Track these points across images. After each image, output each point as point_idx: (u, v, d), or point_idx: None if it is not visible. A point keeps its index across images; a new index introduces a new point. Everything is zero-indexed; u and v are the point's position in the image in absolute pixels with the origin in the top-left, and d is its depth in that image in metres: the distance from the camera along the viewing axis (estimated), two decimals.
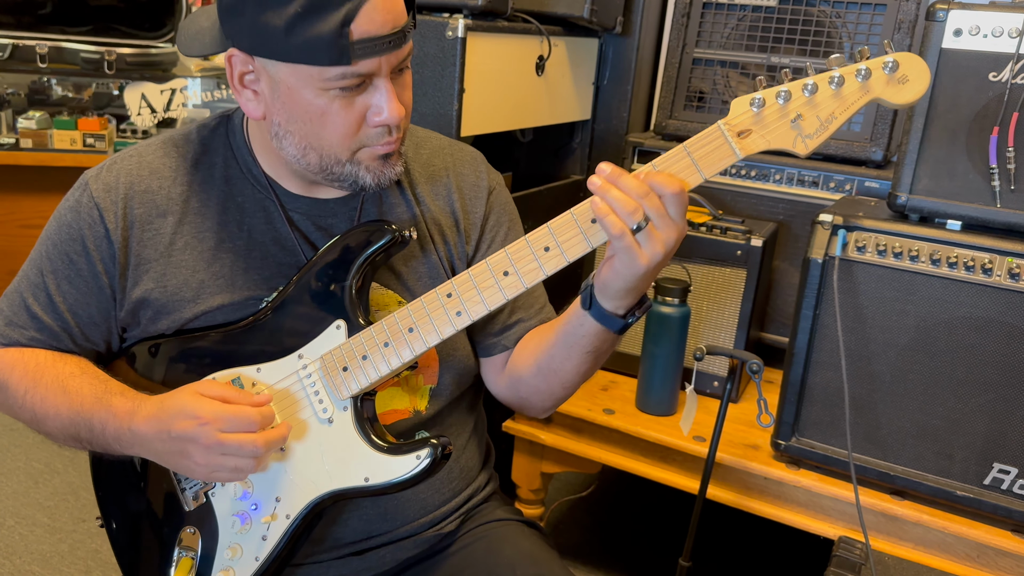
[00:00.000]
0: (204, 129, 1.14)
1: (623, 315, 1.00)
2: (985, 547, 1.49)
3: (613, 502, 2.53)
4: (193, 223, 1.09)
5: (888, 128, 1.94)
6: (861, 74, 0.87)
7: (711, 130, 0.91)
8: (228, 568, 1.04)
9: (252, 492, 1.04)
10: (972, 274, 1.45)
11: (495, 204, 1.21)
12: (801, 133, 0.89)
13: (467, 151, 1.24)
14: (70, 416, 1.05)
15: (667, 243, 0.92)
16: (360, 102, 0.97)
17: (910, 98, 0.88)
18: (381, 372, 0.99)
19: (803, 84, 0.89)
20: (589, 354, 1.06)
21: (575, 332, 1.04)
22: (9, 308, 1.11)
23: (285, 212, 1.10)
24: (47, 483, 2.44)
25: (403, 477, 0.98)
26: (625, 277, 0.94)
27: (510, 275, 0.95)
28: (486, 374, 1.22)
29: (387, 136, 1.00)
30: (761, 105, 0.89)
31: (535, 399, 1.17)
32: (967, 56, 1.44)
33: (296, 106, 0.97)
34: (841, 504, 1.60)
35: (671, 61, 2.17)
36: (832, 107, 0.89)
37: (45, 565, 2.09)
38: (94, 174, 1.10)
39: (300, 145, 1.00)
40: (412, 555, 1.16)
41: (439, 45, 1.72)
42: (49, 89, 3.31)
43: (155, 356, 1.10)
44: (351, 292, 1.02)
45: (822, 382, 1.59)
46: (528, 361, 1.14)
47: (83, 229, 1.07)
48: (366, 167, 1.02)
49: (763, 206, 2.05)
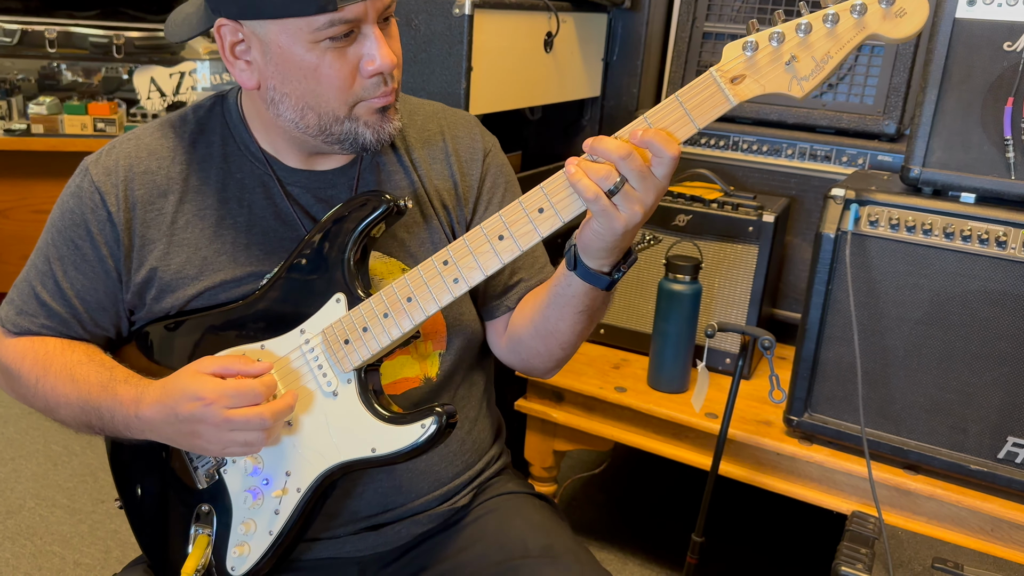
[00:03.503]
0: (200, 109, 1.14)
1: (608, 272, 1.00)
2: (999, 521, 1.48)
3: (626, 479, 2.54)
4: (194, 201, 1.09)
5: (901, 101, 1.91)
6: (856, 9, 0.84)
7: (703, 78, 0.89)
8: (243, 543, 1.05)
9: (262, 467, 1.05)
10: (986, 247, 1.43)
11: (491, 166, 1.21)
12: (796, 75, 0.87)
13: (460, 115, 1.24)
14: (80, 405, 1.06)
15: (645, 203, 0.91)
16: (352, 53, 0.98)
17: (908, 31, 0.84)
18: (382, 343, 0.99)
19: (796, 24, 0.86)
20: (581, 313, 1.06)
21: (564, 293, 1.05)
22: (19, 297, 1.12)
23: (283, 187, 1.10)
24: (66, 465, 2.47)
25: (409, 446, 0.98)
26: (604, 238, 0.94)
27: (505, 239, 0.94)
28: (491, 337, 1.23)
29: (382, 87, 1.01)
30: (754, 49, 0.87)
31: (536, 361, 1.18)
32: (981, 26, 1.42)
33: (289, 65, 0.98)
34: (854, 479, 1.60)
35: (681, 35, 2.15)
36: (827, 46, 0.86)
37: (65, 545, 2.12)
38: (93, 159, 1.10)
39: (297, 107, 1.01)
40: (426, 530, 1.17)
41: (446, 23, 1.71)
42: (59, 74, 3.31)
43: (161, 339, 1.11)
44: (349, 264, 1.02)
45: (835, 357, 1.59)
46: (526, 323, 1.15)
47: (86, 214, 1.08)
48: (364, 122, 1.02)
49: (775, 181, 2.04)
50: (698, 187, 2.03)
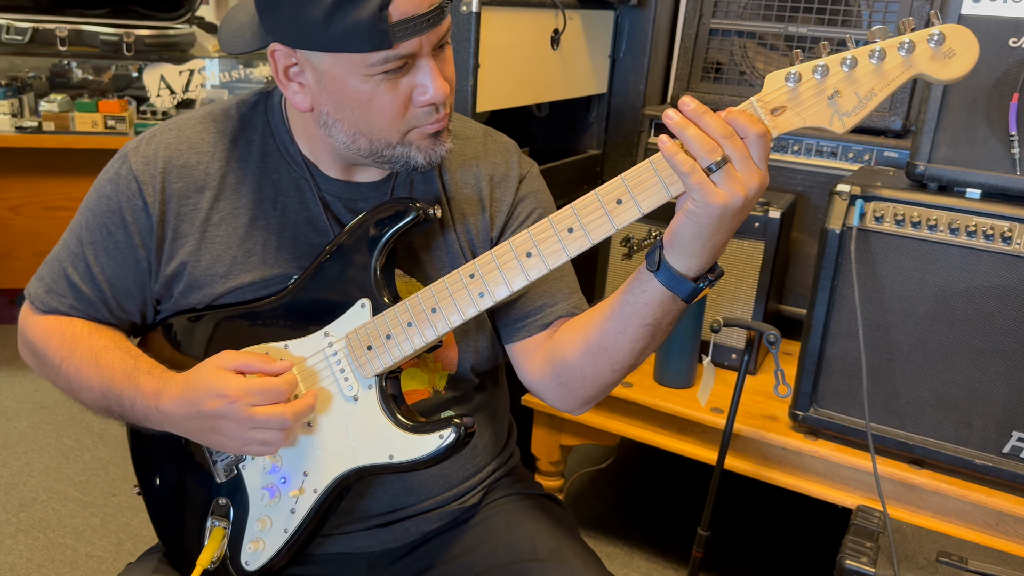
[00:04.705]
0: (243, 105, 1.14)
1: (694, 278, 0.92)
2: (1004, 515, 1.49)
3: (632, 474, 2.56)
4: (229, 199, 1.10)
5: (908, 97, 1.92)
6: (904, 47, 0.80)
7: (744, 107, 0.85)
8: (258, 539, 1.06)
9: (281, 466, 1.06)
10: (991, 243, 1.44)
11: (525, 191, 1.19)
12: (838, 111, 0.83)
13: (500, 140, 1.23)
14: (102, 390, 1.07)
15: (748, 187, 0.84)
16: (405, 83, 0.97)
17: (957, 74, 0.80)
18: (404, 352, 1.00)
19: (842, 58, 0.83)
20: (648, 327, 0.98)
21: (636, 300, 0.97)
22: (49, 276, 1.14)
23: (319, 192, 1.11)
24: (78, 459, 2.49)
25: (426, 456, 0.99)
26: (699, 220, 0.86)
27: (533, 256, 0.94)
28: (516, 361, 1.18)
29: (435, 115, 1.00)
30: (797, 80, 0.84)
31: (577, 385, 1.09)
32: (987, 22, 1.43)
33: (342, 94, 0.97)
34: (859, 473, 1.61)
35: (688, 32, 2.16)
36: (872, 83, 0.82)
37: (78, 538, 2.14)
38: (133, 146, 1.11)
39: (350, 132, 1.01)
40: (435, 527, 1.18)
41: (454, 20, 1.71)
42: (70, 72, 3.33)
43: (186, 330, 1.12)
44: (376, 270, 1.03)
45: (840, 353, 1.60)
46: (575, 340, 1.08)
47: (121, 202, 1.08)
48: (417, 147, 1.02)
49: (781, 177, 2.04)
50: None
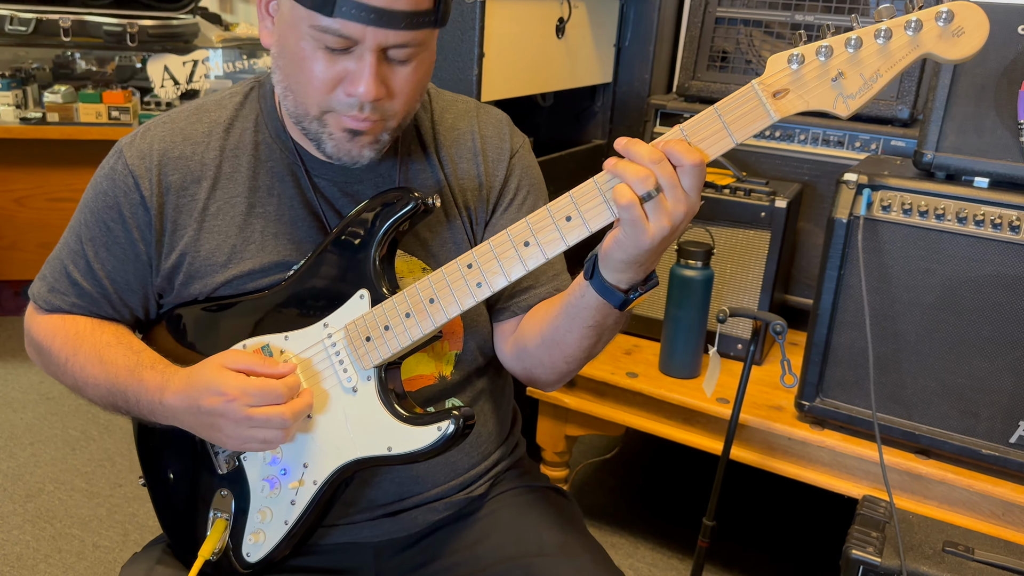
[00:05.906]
0: (236, 94, 1.15)
1: (625, 290, 0.96)
2: (1011, 505, 1.49)
3: (637, 464, 2.56)
4: (225, 188, 1.10)
5: (915, 86, 1.90)
6: (911, 26, 0.78)
7: (744, 90, 0.84)
8: (259, 531, 1.06)
9: (281, 458, 1.06)
10: (999, 232, 1.43)
11: (516, 167, 1.20)
12: (843, 93, 0.81)
13: (493, 113, 1.23)
14: (107, 387, 1.07)
15: (674, 217, 0.87)
16: (341, 66, 0.96)
17: (965, 53, 0.78)
18: (402, 343, 0.99)
19: (846, 39, 0.80)
20: (591, 328, 1.02)
21: (577, 304, 1.02)
22: (51, 274, 1.14)
23: (311, 178, 1.11)
24: (84, 450, 2.50)
25: (425, 447, 0.99)
26: (627, 250, 0.90)
27: (531, 246, 0.93)
28: (495, 341, 1.21)
29: (356, 111, 0.98)
30: (800, 62, 0.82)
31: (539, 371, 1.15)
32: (995, 9, 1.41)
33: (286, 42, 0.98)
34: (865, 463, 1.60)
35: (693, 20, 2.14)
36: (877, 64, 0.80)
37: (84, 528, 2.15)
38: (128, 141, 1.11)
39: (282, 84, 1.02)
40: (442, 517, 1.18)
41: (458, 9, 1.71)
42: (73, 63, 3.33)
43: (188, 322, 1.12)
44: (375, 261, 1.02)
45: (847, 342, 1.59)
46: (534, 331, 1.12)
47: (119, 197, 1.08)
48: (330, 134, 1.01)
49: (787, 167, 2.03)
50: (710, 172, 2.03)
